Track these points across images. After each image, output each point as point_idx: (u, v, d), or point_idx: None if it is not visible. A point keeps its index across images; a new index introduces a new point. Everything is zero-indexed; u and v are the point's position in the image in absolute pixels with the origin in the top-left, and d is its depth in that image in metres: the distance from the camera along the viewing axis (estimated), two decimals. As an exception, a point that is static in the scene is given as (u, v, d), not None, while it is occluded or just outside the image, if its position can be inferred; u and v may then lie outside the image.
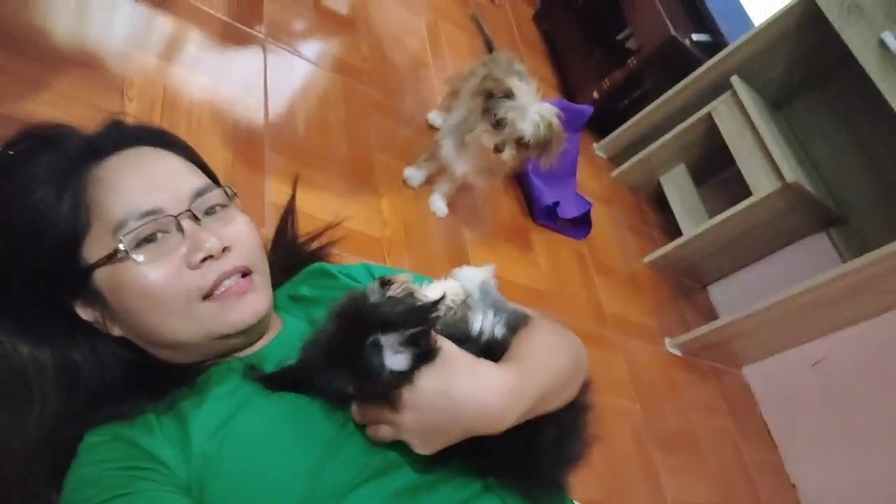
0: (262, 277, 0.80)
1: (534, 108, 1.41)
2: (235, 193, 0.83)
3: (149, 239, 0.70)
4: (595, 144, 2.76)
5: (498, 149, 1.43)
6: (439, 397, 0.61)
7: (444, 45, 2.28)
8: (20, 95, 1.11)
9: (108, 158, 0.75)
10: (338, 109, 1.69)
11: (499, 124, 1.41)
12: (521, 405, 0.63)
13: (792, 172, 2.10)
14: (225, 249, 0.73)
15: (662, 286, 2.48)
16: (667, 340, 2.25)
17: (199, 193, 0.76)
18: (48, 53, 1.19)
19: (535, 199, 2.06)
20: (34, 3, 1.22)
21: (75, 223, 0.70)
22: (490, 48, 2.30)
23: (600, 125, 2.71)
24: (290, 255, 1.18)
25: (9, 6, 1.18)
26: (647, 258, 2.47)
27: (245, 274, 0.76)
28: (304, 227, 1.23)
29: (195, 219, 0.73)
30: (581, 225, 2.24)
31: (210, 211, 0.77)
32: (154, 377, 0.75)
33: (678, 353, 2.25)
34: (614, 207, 2.56)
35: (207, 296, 0.71)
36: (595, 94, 2.62)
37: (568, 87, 2.78)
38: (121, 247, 0.68)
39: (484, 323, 0.73)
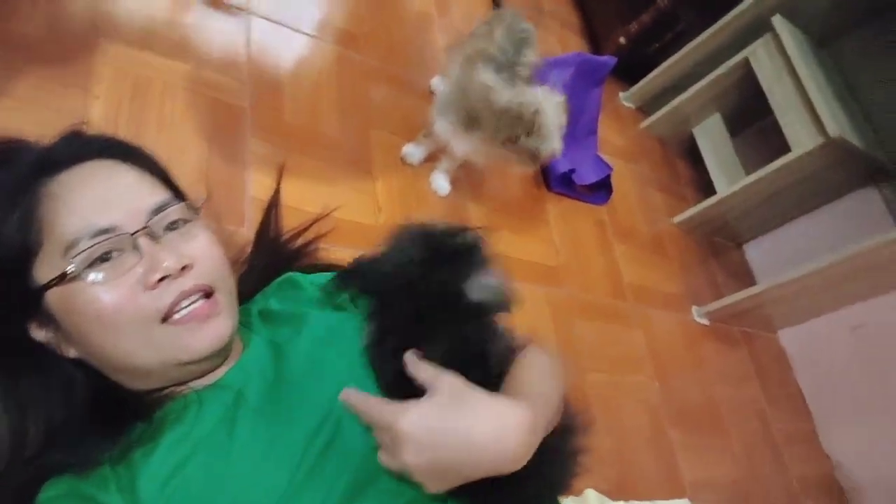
0: (226, 297, 0.75)
1: (557, 122, 1.33)
2: (199, 207, 0.79)
3: (103, 258, 0.67)
4: (621, 94, 2.57)
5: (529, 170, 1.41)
6: (455, 438, 0.58)
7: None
8: (-21, 105, 1.07)
9: (62, 173, 0.71)
10: (329, 84, 1.59)
11: (534, 156, 1.37)
12: (536, 442, 0.61)
13: (836, 126, 1.90)
14: (184, 268, 0.69)
15: (692, 248, 2.35)
16: (693, 309, 2.14)
17: (159, 209, 0.72)
18: (8, 57, 1.13)
19: (550, 166, 1.94)
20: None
21: (25, 241, 0.67)
22: (496, 3, 2.11)
23: (627, 73, 2.51)
24: (272, 255, 1.14)
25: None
26: (677, 219, 2.33)
27: (208, 294, 0.72)
28: (290, 221, 1.17)
29: (153, 236, 0.70)
30: (601, 189, 2.10)
31: (171, 226, 0.73)
32: (110, 406, 0.72)
33: (705, 321, 2.14)
34: (641, 164, 2.40)
35: (166, 318, 0.68)
36: (621, 40, 2.41)
37: (592, 32, 2.57)
38: (70, 268, 0.65)
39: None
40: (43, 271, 0.67)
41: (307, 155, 1.44)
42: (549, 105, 1.37)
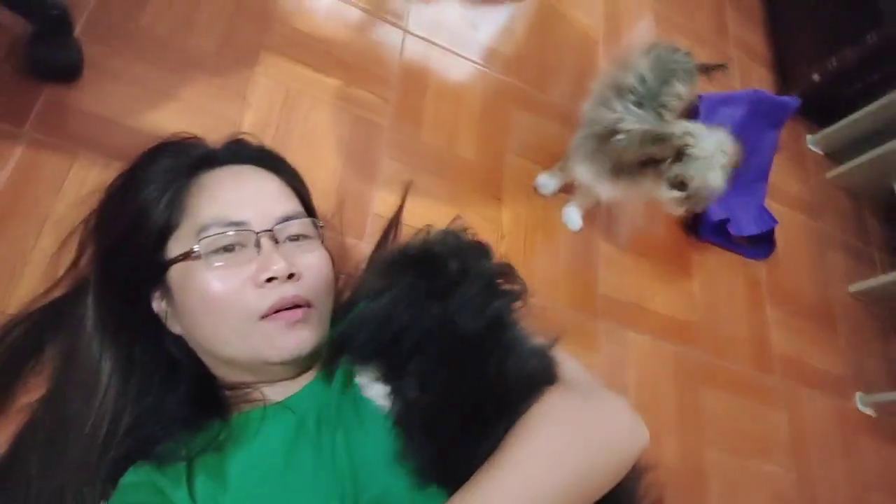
0: (319, 315, 0.80)
1: (719, 148, 1.18)
2: (323, 226, 0.87)
3: (227, 248, 0.74)
4: (809, 136, 2.27)
5: (688, 211, 1.27)
6: None
7: (624, 21, 2.01)
8: (152, 106, 1.20)
9: (216, 169, 0.83)
10: (472, 105, 1.58)
11: (682, 185, 1.21)
12: None
13: None
14: (292, 276, 0.75)
15: (868, 323, 2.00)
16: (858, 395, 1.83)
17: (287, 218, 0.80)
18: (183, 66, 1.26)
19: (703, 212, 1.76)
20: (172, 13, 1.29)
21: (168, 219, 0.77)
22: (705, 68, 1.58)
23: (818, 113, 2.21)
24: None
25: (147, 16, 1.26)
26: (855, 287, 2.01)
27: (305, 307, 0.77)
28: (409, 241, 1.18)
29: (274, 240, 0.77)
30: (762, 243, 1.87)
31: (294, 237, 0.80)
32: (195, 391, 0.79)
33: (871, 412, 1.82)
34: (820, 218, 2.10)
35: (263, 317, 0.73)
36: (815, 77, 2.12)
37: (782, 65, 2.29)
38: (196, 248, 0.73)
39: None
40: (175, 248, 0.76)
41: (437, 175, 1.44)
42: (707, 135, 1.21)
